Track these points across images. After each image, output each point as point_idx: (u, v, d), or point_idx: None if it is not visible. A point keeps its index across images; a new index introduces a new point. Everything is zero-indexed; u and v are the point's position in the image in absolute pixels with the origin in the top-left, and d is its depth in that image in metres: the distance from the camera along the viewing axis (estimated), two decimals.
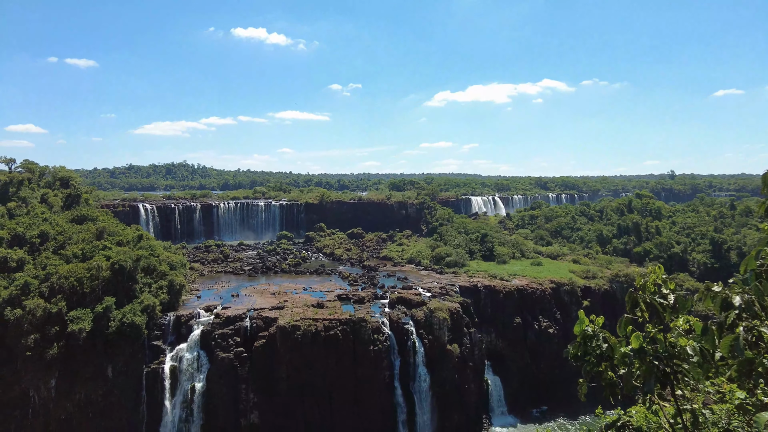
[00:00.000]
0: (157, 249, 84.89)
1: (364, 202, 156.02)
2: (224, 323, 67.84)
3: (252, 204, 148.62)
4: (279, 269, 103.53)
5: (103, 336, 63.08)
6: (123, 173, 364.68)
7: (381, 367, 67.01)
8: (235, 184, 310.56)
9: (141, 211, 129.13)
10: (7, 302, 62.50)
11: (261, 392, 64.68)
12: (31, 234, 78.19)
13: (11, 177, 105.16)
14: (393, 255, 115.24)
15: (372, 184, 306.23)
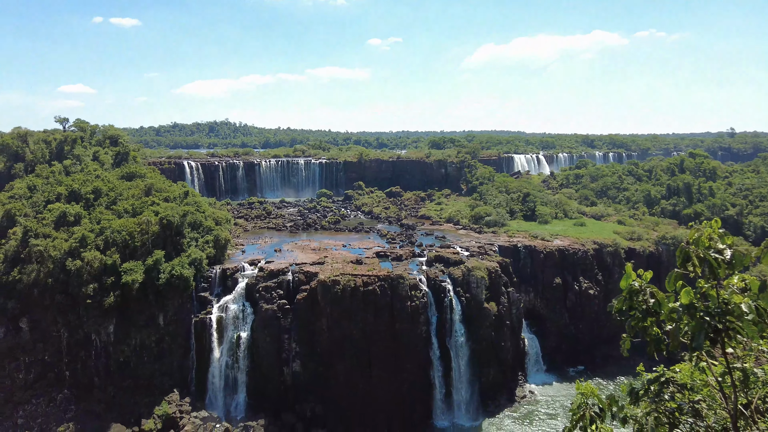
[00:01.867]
0: (202, 205, 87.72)
1: (402, 161, 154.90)
2: (267, 277, 70.22)
3: (292, 162, 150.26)
4: (319, 226, 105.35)
5: (154, 287, 66.62)
6: (168, 131, 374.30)
7: (418, 323, 68.15)
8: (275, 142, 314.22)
9: (186, 169, 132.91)
10: (68, 254, 66.59)
11: (302, 343, 67.31)
12: (86, 190, 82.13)
13: (66, 136, 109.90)
14: (431, 214, 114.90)
15: (411, 142, 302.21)
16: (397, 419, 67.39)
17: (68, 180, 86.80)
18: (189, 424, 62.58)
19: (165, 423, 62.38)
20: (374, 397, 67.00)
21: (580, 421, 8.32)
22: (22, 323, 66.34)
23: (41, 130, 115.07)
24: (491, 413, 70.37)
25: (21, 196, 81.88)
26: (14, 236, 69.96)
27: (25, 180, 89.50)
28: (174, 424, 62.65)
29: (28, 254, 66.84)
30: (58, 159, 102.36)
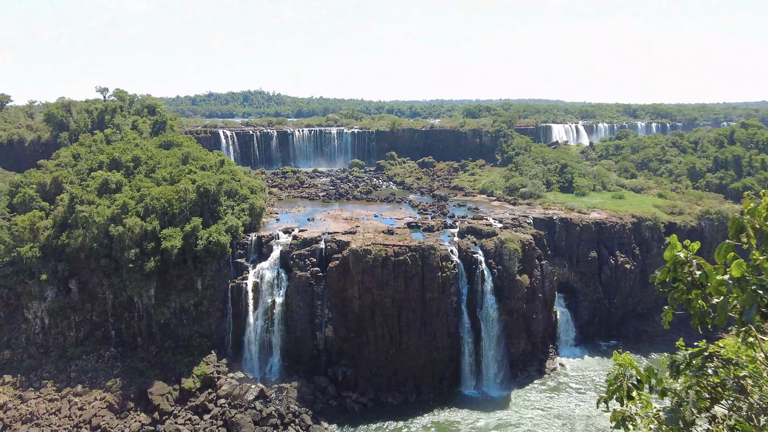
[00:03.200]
0: (237, 174, 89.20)
1: (436, 130, 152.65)
2: (301, 244, 71.45)
3: (325, 131, 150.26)
4: (351, 196, 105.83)
5: (192, 253, 68.80)
6: (203, 100, 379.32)
7: (448, 293, 68.36)
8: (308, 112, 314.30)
9: (221, 138, 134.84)
10: (111, 220, 69.26)
11: (335, 309, 68.72)
12: (126, 159, 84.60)
13: (106, 105, 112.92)
14: (464, 185, 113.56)
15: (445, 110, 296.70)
16: (425, 386, 68.58)
17: (109, 148, 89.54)
18: (226, 384, 65.39)
19: (203, 382, 65.40)
20: (403, 364, 68.22)
21: (617, 392, 8.14)
22: (71, 285, 69.98)
23: (83, 100, 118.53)
24: (520, 384, 70.70)
25: (66, 164, 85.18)
26: (62, 202, 73.14)
27: (70, 148, 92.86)
28: (212, 383, 65.61)
29: (75, 220, 69.87)
30: (99, 128, 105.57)
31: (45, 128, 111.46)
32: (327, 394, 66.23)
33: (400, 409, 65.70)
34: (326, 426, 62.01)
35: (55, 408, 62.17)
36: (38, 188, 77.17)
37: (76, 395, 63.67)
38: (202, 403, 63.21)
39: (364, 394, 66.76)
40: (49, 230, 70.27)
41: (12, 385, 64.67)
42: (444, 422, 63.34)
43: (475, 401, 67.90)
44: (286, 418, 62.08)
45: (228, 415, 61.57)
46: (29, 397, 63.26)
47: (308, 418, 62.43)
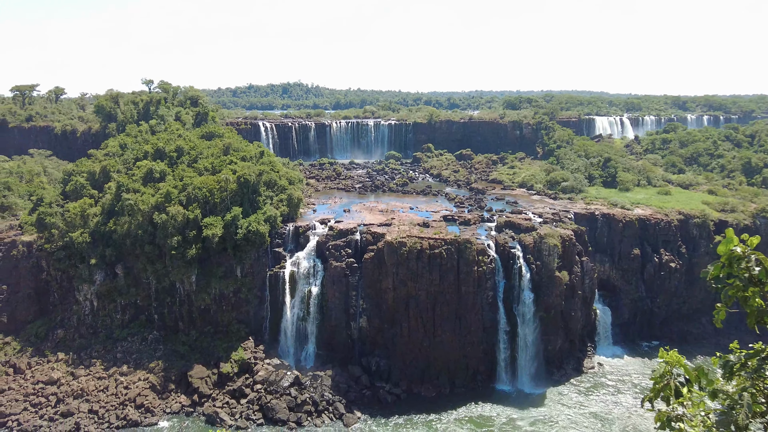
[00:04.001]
0: (276, 165, 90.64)
1: (474, 122, 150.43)
2: (337, 235, 72.07)
3: (362, 123, 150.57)
4: (387, 188, 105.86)
5: (232, 241, 70.51)
6: (244, 92, 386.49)
7: (485, 288, 67.56)
8: (346, 103, 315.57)
9: (261, 129, 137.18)
10: (155, 208, 71.72)
11: (369, 300, 69.09)
12: (170, 149, 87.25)
13: (151, 97, 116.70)
14: (503, 178, 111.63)
15: (484, 102, 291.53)
16: (459, 379, 68.19)
17: (154, 139, 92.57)
18: (262, 370, 66.93)
19: (241, 367, 67.17)
20: (437, 357, 68.01)
21: (663, 390, 7.74)
22: (118, 269, 73.02)
23: (130, 92, 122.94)
24: (556, 382, 69.34)
25: (114, 154, 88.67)
26: (109, 191, 76.23)
27: (117, 139, 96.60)
28: (249, 368, 67.31)
29: (121, 207, 72.73)
30: (144, 119, 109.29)
31: (95, 119, 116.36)
32: (360, 383, 66.82)
33: (433, 401, 65.61)
34: (359, 415, 62.62)
35: (103, 386, 65.23)
36: (88, 177, 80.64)
37: (122, 375, 66.60)
38: (239, 388, 64.97)
39: (397, 385, 67.01)
40: (97, 217, 73.45)
41: (65, 363, 68.29)
42: (477, 417, 62.87)
43: (509, 397, 67.06)
44: (320, 406, 63.07)
45: (264, 400, 63.08)
46: (80, 374, 66.62)
47: (341, 406, 63.21)
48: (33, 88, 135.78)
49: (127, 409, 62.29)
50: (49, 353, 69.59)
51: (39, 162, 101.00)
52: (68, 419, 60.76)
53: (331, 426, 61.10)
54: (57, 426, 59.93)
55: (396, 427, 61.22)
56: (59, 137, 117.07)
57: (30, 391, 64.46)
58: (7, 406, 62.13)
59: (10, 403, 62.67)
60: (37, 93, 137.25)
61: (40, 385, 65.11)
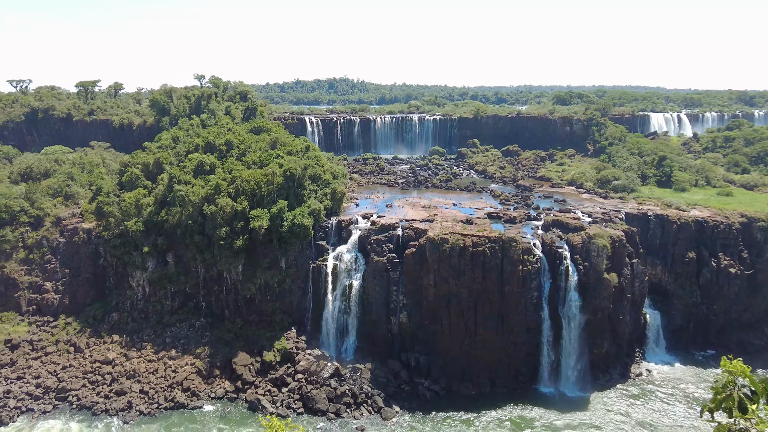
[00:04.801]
0: (321, 159, 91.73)
1: (522, 117, 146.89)
2: (379, 230, 72.23)
3: (406, 119, 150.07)
4: (430, 184, 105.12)
5: (277, 233, 71.98)
6: (291, 88, 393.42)
7: (529, 288, 66.02)
8: (390, 98, 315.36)
9: (307, 124, 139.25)
10: (205, 199, 74.12)
11: (410, 295, 68.93)
12: (219, 142, 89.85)
13: (202, 91, 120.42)
14: (551, 175, 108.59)
15: (533, 97, 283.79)
16: (500, 379, 67.11)
17: (204, 132, 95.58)
18: (304, 360, 68.11)
19: (283, 356, 68.60)
20: (478, 355, 67.14)
21: (725, 402, 7.15)
22: (169, 257, 76.02)
23: (182, 87, 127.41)
24: (601, 387, 67.04)
25: (167, 147, 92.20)
26: (162, 182, 79.36)
27: (170, 132, 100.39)
28: (291, 358, 68.65)
29: (173, 198, 75.57)
30: (196, 113, 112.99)
31: (149, 113, 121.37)
32: (399, 378, 66.89)
33: (473, 400, 64.86)
34: (397, 409, 62.71)
35: (153, 368, 68.24)
36: (143, 168, 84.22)
37: (171, 359, 69.42)
38: (281, 376, 66.41)
39: (436, 381, 66.65)
40: (151, 207, 76.64)
41: (119, 344, 71.88)
42: (518, 418, 61.68)
43: (551, 400, 65.42)
44: (359, 398, 63.60)
45: (305, 389, 64.21)
46: (132, 356, 69.95)
47: (380, 400, 63.49)
48: (95, 84, 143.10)
49: (175, 391, 64.93)
50: (105, 334, 73.44)
51: (99, 154, 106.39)
52: (121, 398, 63.98)
53: (370, 419, 61.51)
54: (111, 403, 63.21)
55: (434, 423, 60.94)
56: (117, 130, 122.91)
57: (88, 369, 68.29)
58: (69, 381, 66.08)
59: (71, 379, 66.62)
60: (98, 88, 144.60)
61: (97, 364, 68.85)
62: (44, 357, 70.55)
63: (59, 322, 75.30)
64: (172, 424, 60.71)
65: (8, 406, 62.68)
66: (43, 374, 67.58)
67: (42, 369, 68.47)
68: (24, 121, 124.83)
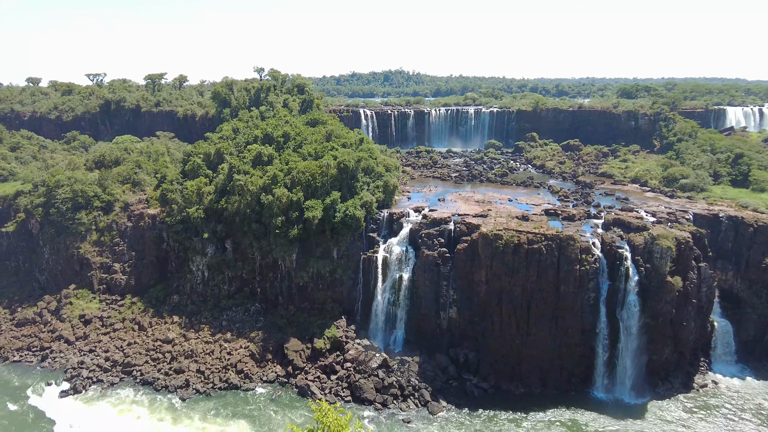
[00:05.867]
0: (374, 152, 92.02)
1: (584, 111, 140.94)
2: (430, 224, 71.70)
3: (461, 111, 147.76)
4: (484, 178, 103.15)
5: (330, 224, 73.03)
6: (347, 80, 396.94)
7: (586, 288, 63.55)
8: (446, 91, 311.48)
9: (362, 117, 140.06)
10: (262, 189, 76.26)
11: (460, 291, 68.10)
12: (277, 134, 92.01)
13: (261, 84, 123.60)
14: (614, 172, 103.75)
15: (596, 90, 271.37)
16: (551, 380, 65.27)
17: (263, 124, 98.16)
18: (353, 349, 68.97)
19: (333, 344, 69.77)
20: (529, 355, 65.56)
21: None
22: (227, 244, 78.93)
23: (243, 79, 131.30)
24: (660, 395, 63.74)
25: (227, 137, 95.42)
26: (222, 171, 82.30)
27: (231, 123, 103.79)
28: (340, 346, 69.71)
29: (232, 187, 78.23)
30: (255, 105, 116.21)
31: (211, 105, 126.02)
32: (447, 373, 66.44)
33: (522, 400, 63.52)
34: (444, 404, 62.38)
35: (210, 349, 71.31)
36: (204, 158, 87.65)
37: (226, 341, 72.26)
38: (330, 364, 67.62)
39: (485, 379, 65.70)
40: (211, 195, 79.73)
41: (179, 325, 75.60)
42: (569, 421, 59.80)
43: (605, 405, 62.95)
44: (405, 390, 63.75)
45: (353, 378, 65.07)
46: (191, 336, 73.38)
47: (427, 393, 63.35)
48: (161, 77, 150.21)
49: (229, 373, 67.59)
50: (166, 315, 77.45)
51: (164, 143, 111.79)
52: (180, 376, 67.34)
53: (416, 411, 61.55)
54: (171, 380, 66.69)
55: (481, 421, 60.17)
56: (181, 121, 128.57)
57: (150, 346, 72.33)
58: (133, 357, 70.30)
59: (135, 354, 70.85)
60: (164, 81, 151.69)
61: (159, 342, 72.76)
62: (112, 333, 75.42)
63: (126, 301, 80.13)
64: (226, 403, 63.32)
65: (81, 375, 67.61)
66: (111, 349, 72.27)
67: (110, 344, 73.23)
68: (98, 112, 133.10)
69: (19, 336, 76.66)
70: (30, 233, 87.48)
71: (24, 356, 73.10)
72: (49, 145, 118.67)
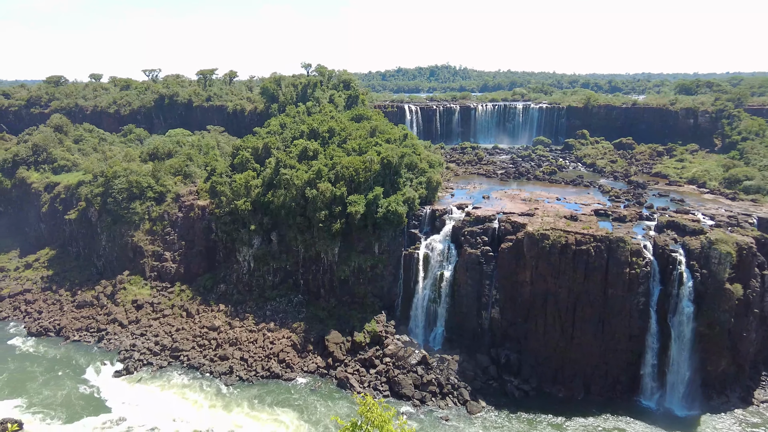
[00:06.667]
0: (418, 148, 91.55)
1: (639, 108, 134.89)
2: (474, 222, 70.67)
3: (509, 107, 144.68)
4: (532, 176, 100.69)
5: (372, 219, 73.28)
6: (392, 76, 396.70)
7: (636, 292, 60.99)
8: (494, 86, 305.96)
9: (406, 112, 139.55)
10: (307, 183, 77.37)
11: (503, 291, 66.84)
12: (322, 129, 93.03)
13: (308, 80, 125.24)
14: (669, 172, 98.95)
15: (652, 86, 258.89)
16: (596, 386, 63.18)
17: (309, 120, 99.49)
18: (392, 344, 69.10)
19: (372, 338, 70.13)
20: (573, 358, 63.69)
21: None
22: (272, 236, 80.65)
23: (290, 75, 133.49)
24: (714, 409, 60.45)
25: (275, 132, 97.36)
26: (269, 165, 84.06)
27: (278, 118, 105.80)
28: (380, 341, 69.99)
29: (279, 181, 79.77)
30: (302, 100, 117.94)
31: (260, 100, 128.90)
32: (487, 373, 65.50)
33: (564, 404, 61.84)
34: (483, 404, 61.56)
35: (253, 338, 73.21)
36: (252, 152, 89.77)
37: (269, 331, 73.97)
38: (369, 358, 68.02)
39: (526, 381, 64.34)
40: (258, 188, 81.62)
41: (224, 313, 78.02)
42: (614, 429, 57.77)
43: (653, 415, 60.35)
44: (444, 388, 63.33)
45: (392, 373, 65.22)
46: (236, 325, 75.59)
47: (466, 392, 62.71)
48: (212, 72, 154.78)
49: (271, 362, 69.18)
50: (213, 303, 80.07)
51: (214, 137, 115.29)
52: (224, 362, 69.53)
53: (455, 410, 61.06)
54: (215, 366, 68.95)
55: (521, 423, 59.01)
56: (230, 115, 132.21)
57: (197, 333, 75.02)
58: (181, 342, 73.13)
59: (183, 340, 73.68)
60: (215, 76, 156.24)
61: (205, 329, 75.36)
62: (162, 318, 78.71)
63: (175, 288, 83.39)
64: (268, 391, 64.88)
65: (133, 357, 71.00)
66: (161, 334, 75.44)
67: (160, 329, 76.46)
68: (153, 107, 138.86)
69: (79, 317, 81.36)
70: (90, 221, 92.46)
71: (83, 336, 77.56)
72: (108, 137, 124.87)
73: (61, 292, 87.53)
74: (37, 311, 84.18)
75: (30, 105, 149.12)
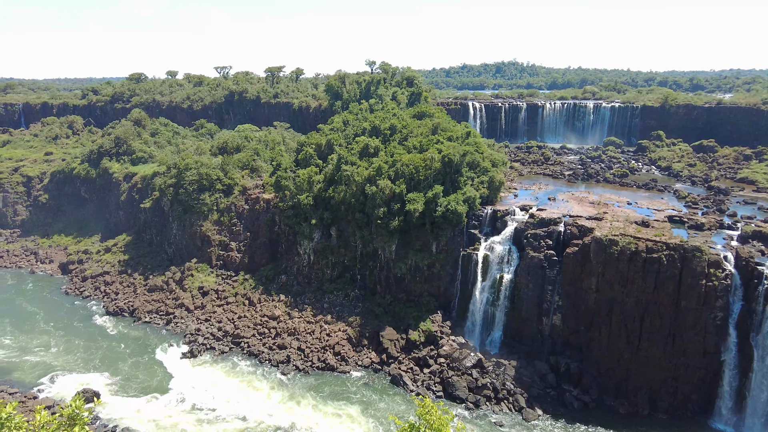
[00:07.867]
0: (481, 146, 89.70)
1: (724, 107, 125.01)
2: (537, 224, 68.32)
3: (579, 105, 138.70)
4: (601, 178, 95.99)
5: (431, 217, 72.65)
6: (456, 72, 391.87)
7: (713, 307, 56.60)
8: (563, 83, 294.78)
9: (470, 109, 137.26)
10: (367, 180, 77.91)
11: (566, 297, 64.22)
12: (384, 127, 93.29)
13: (372, 77, 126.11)
14: (757, 177, 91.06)
15: (741, 83, 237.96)
16: (663, 403, 59.39)
17: (371, 117, 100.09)
18: (447, 345, 68.29)
19: (427, 338, 69.63)
20: (638, 372, 60.22)
21: None
22: (332, 231, 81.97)
23: (354, 72, 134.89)
24: None
25: (338, 129, 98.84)
26: (332, 161, 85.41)
27: (342, 116, 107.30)
28: (434, 341, 69.38)
29: (340, 177, 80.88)
30: (365, 97, 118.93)
31: (324, 97, 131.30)
32: (546, 381, 63.27)
33: (627, 419, 58.61)
34: (539, 413, 59.54)
35: (310, 329, 74.81)
36: (316, 148, 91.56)
37: (326, 323, 75.31)
38: (423, 357, 67.60)
39: (587, 392, 61.56)
40: (320, 184, 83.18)
41: (284, 303, 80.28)
42: None
43: None
44: (500, 393, 61.83)
45: (446, 374, 64.48)
46: (294, 315, 77.58)
47: (522, 399, 60.90)
48: (280, 70, 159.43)
49: (327, 354, 70.38)
50: (274, 293, 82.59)
51: (280, 133, 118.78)
52: (282, 351, 71.53)
53: (509, 416, 59.49)
54: (273, 354, 71.08)
55: None
56: (296, 112, 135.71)
57: (258, 321, 77.67)
58: (242, 329, 76.02)
59: (244, 327, 76.56)
60: (282, 74, 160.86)
61: (265, 318, 77.89)
62: (225, 306, 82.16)
63: (239, 277, 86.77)
64: (324, 383, 66.06)
65: (197, 341, 74.62)
66: (224, 320, 78.78)
67: (223, 315, 79.85)
68: (223, 102, 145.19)
69: (150, 300, 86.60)
70: (162, 210, 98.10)
71: (153, 318, 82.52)
72: (181, 131, 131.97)
73: (135, 276, 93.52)
74: (114, 292, 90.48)
75: (114, 100, 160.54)
